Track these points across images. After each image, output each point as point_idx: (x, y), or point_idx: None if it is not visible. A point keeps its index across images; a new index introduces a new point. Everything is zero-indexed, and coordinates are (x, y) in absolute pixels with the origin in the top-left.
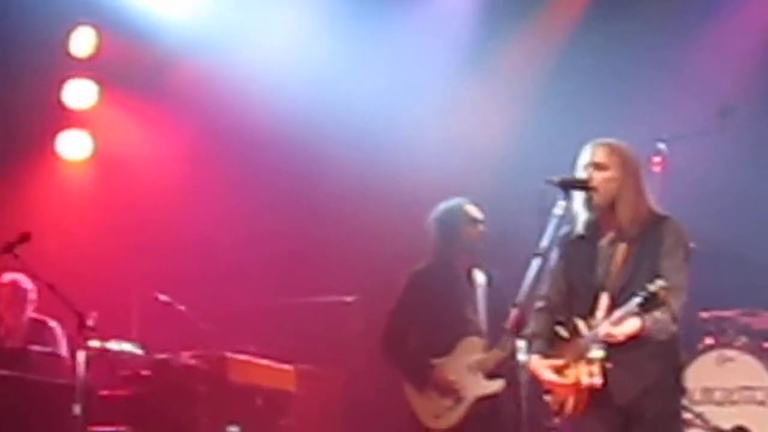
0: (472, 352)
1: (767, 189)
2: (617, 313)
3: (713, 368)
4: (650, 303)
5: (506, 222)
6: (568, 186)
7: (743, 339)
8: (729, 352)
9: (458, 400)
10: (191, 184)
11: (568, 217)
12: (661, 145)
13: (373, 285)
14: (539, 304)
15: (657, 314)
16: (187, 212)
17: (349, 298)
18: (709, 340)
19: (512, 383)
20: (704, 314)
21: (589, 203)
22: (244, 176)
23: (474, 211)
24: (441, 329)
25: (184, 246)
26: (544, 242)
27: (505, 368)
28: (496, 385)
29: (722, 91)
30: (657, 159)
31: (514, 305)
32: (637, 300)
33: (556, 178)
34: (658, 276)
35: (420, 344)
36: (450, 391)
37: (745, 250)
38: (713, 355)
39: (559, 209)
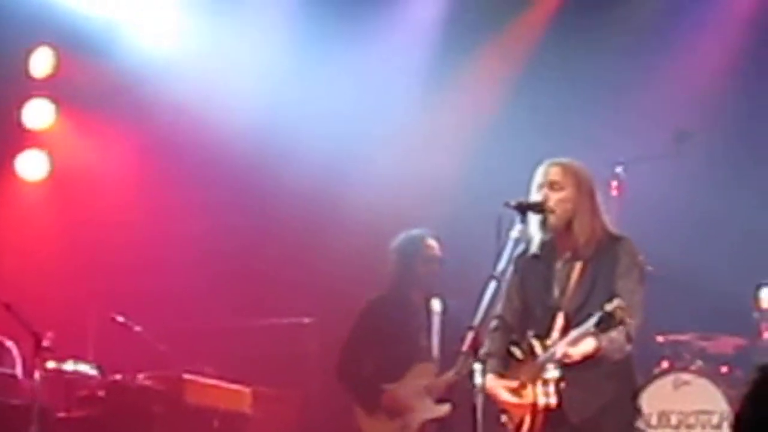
0: (422, 377)
1: (723, 214)
2: (573, 334)
3: (669, 392)
4: (607, 323)
5: (464, 245)
6: (525, 209)
7: (699, 363)
8: (685, 376)
9: (406, 423)
10: (148, 204)
11: (524, 238)
12: (619, 169)
13: (329, 307)
14: (493, 323)
15: (613, 334)
16: (145, 232)
17: (305, 320)
18: (665, 364)
19: (461, 407)
20: (660, 338)
21: (544, 224)
22: (203, 196)
23: (432, 248)
24: (394, 356)
25: (141, 266)
26: (501, 265)
27: (455, 393)
28: (443, 409)
29: (679, 116)
30: (614, 183)
31: (470, 328)
32: (593, 320)
33: (513, 202)
34: (615, 296)
35: (373, 370)
36: (399, 415)
37: (702, 274)
38: (669, 379)
39: (516, 232)
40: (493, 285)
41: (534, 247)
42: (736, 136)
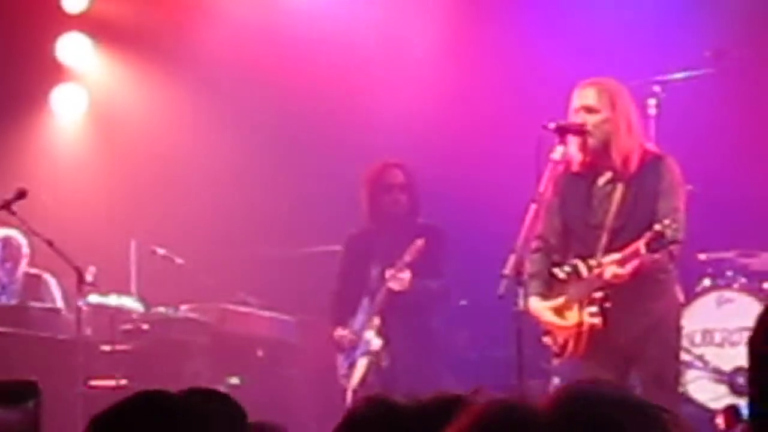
0: (365, 311)
1: (761, 130)
2: (621, 254)
3: (712, 310)
4: (658, 242)
5: (505, 169)
6: (565, 131)
7: (742, 280)
8: (728, 294)
9: (353, 360)
10: (187, 136)
11: (563, 160)
12: (657, 88)
13: None
14: (534, 244)
15: (656, 254)
16: (184, 165)
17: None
18: (707, 282)
19: (393, 343)
20: (702, 256)
21: (584, 147)
22: (243, 126)
23: (390, 177)
24: (350, 291)
25: (181, 199)
26: (542, 188)
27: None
28: (377, 343)
29: (715, 34)
30: (652, 102)
31: (512, 251)
32: (643, 240)
33: (552, 125)
34: (660, 215)
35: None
36: (347, 350)
37: (742, 190)
38: (712, 296)
39: (557, 154)
40: (534, 207)
41: (574, 167)
42: None
